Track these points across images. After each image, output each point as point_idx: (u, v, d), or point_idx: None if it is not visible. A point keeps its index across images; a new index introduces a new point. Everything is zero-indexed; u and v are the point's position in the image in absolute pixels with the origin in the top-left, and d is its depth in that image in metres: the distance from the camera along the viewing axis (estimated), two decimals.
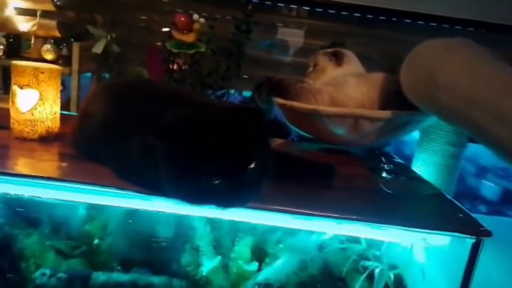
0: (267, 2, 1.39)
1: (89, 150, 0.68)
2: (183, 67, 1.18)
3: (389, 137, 0.89)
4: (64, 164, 0.69)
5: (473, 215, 0.66)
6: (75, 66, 1.12)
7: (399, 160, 0.95)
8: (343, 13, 1.42)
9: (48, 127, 0.77)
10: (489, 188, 1.45)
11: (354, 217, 0.59)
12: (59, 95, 0.78)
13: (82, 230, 0.93)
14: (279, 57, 1.51)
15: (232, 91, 1.34)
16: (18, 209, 0.87)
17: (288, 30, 1.50)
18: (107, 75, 1.26)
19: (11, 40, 1.16)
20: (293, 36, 1.50)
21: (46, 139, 0.76)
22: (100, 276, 0.89)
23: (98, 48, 1.16)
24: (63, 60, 1.13)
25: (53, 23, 0.76)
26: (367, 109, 0.84)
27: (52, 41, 0.78)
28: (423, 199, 0.71)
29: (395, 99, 0.84)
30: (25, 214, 0.88)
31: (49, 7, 0.76)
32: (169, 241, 0.92)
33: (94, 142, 0.67)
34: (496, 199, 1.43)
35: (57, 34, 0.77)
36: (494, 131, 0.60)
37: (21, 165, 0.67)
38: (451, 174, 0.91)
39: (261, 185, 0.58)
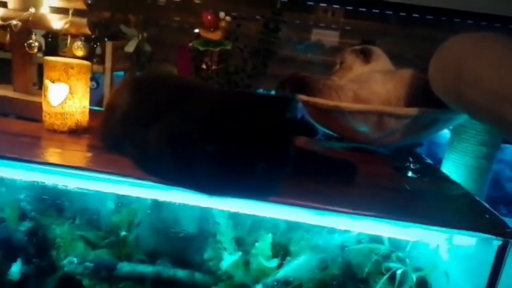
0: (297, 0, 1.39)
1: (113, 142, 0.71)
2: (212, 66, 1.20)
3: (416, 136, 0.86)
4: (91, 155, 0.72)
5: (508, 219, 0.62)
6: (108, 64, 1.17)
7: (428, 161, 0.91)
8: (375, 10, 1.38)
9: (78, 120, 0.80)
10: None
11: (372, 213, 0.58)
12: (88, 89, 0.81)
13: (109, 221, 0.96)
14: (308, 56, 1.50)
15: (260, 90, 1.35)
16: (47, 197, 0.91)
17: (318, 29, 1.48)
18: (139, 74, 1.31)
19: (50, 39, 1.23)
20: (323, 35, 1.48)
21: (76, 132, 0.80)
22: (125, 267, 0.92)
23: (130, 47, 1.20)
24: (97, 58, 1.18)
25: (84, 21, 0.79)
26: (393, 107, 0.82)
27: (83, 38, 0.82)
28: (449, 199, 0.68)
29: (422, 96, 0.81)
30: (55, 203, 0.92)
31: (81, 5, 0.80)
32: (193, 235, 0.93)
33: (118, 134, 0.70)
34: None
35: (88, 32, 0.80)
36: None
37: (50, 155, 0.70)
38: (483, 176, 0.86)
39: (278, 180, 0.58)
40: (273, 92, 1.29)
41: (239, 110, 0.57)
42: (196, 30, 1.37)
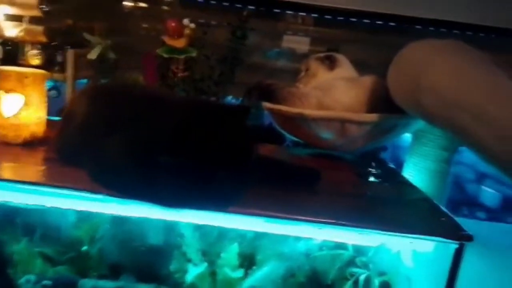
0: (262, 9, 1.39)
1: (69, 154, 0.68)
2: (178, 73, 1.18)
3: (378, 141, 0.87)
4: (46, 168, 0.69)
5: (472, 221, 0.64)
6: (69, 72, 1.14)
7: (391, 166, 0.93)
8: (339, 18, 1.41)
9: (33, 131, 0.77)
10: (489, 194, 1.41)
11: (333, 221, 0.58)
12: (45, 99, 0.78)
13: (70, 236, 0.93)
14: (277, 63, 1.50)
15: (229, 98, 1.34)
16: (4, 214, 0.87)
17: (286, 36, 1.49)
18: (103, 82, 1.28)
19: (8, 47, 1.19)
20: (292, 42, 1.49)
21: (31, 144, 0.77)
22: (86, 283, 0.88)
23: (93, 55, 1.18)
24: (58, 66, 1.15)
25: (39, 28, 0.77)
26: (355, 113, 0.83)
27: (39, 46, 0.80)
28: (408, 204, 0.69)
29: (384, 103, 0.82)
30: (12, 219, 0.88)
31: (36, 13, 0.77)
32: (157, 248, 0.91)
33: (75, 146, 0.67)
34: (496, 206, 1.39)
35: (43, 39, 0.78)
36: (477, 134, 0.58)
37: (2, 169, 0.67)
38: (443, 179, 0.88)
39: (240, 190, 0.58)
40: (240, 100, 1.29)
41: (199, 120, 0.56)
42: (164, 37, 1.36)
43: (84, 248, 0.93)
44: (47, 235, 0.93)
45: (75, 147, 0.67)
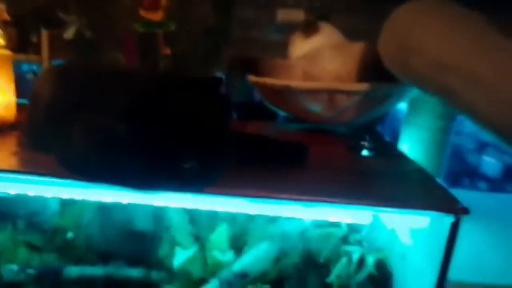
0: None
1: (37, 138, 0.64)
2: (159, 51, 1.12)
3: (370, 113, 0.82)
4: (16, 154, 0.65)
5: (472, 192, 0.60)
6: (44, 54, 1.08)
7: (386, 139, 0.88)
8: None
9: (1, 116, 0.72)
10: (490, 164, 1.37)
11: (321, 199, 0.53)
12: (12, 82, 0.73)
13: (55, 224, 0.89)
14: (266, 37, 1.43)
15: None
16: None
17: (279, 10, 1.41)
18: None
19: None
20: (284, 16, 1.41)
21: (0, 130, 0.72)
22: (72, 270, 0.85)
23: (68, 34, 1.12)
24: (32, 48, 1.09)
25: (1, 6, 0.71)
26: (343, 82, 0.77)
27: (2, 26, 0.74)
28: (402, 178, 0.65)
29: (375, 71, 0.77)
30: None
31: None
32: (146, 232, 0.88)
33: (42, 129, 0.63)
34: (498, 176, 1.35)
35: (6, 17, 0.72)
36: (467, 97, 0.53)
37: None
38: (441, 149, 0.84)
39: (215, 169, 0.54)
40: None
41: (165, 94, 0.51)
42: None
43: (70, 235, 0.90)
44: (31, 223, 0.90)
45: (41, 131, 0.63)
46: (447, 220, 0.53)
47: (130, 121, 0.49)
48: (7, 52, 0.71)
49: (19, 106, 0.77)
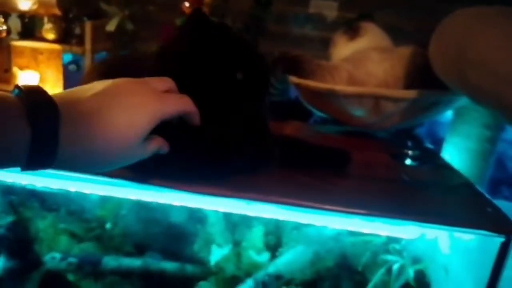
0: None
1: None
2: None
3: (415, 119, 0.80)
4: None
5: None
6: (88, 45, 1.09)
7: (428, 145, 0.86)
8: None
9: None
10: None
11: (365, 212, 0.53)
12: (61, 76, 0.75)
13: (94, 214, 0.92)
14: (301, 32, 1.41)
15: None
16: (29, 194, 0.87)
17: (312, 1, 1.38)
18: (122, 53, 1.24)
19: (26, 20, 1.15)
20: (317, 8, 1.38)
21: None
22: (111, 261, 0.88)
23: (111, 26, 1.13)
24: (76, 39, 1.11)
25: (53, 1, 0.72)
26: (391, 88, 0.75)
27: (53, 19, 0.76)
28: (449, 191, 0.63)
29: (423, 77, 0.75)
30: (36, 197, 0.88)
31: None
32: (181, 227, 0.90)
33: None
34: None
35: (57, 12, 0.74)
36: None
37: None
38: (486, 160, 0.81)
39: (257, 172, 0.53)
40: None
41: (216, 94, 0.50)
42: (186, 4, 1.29)
43: (109, 225, 0.92)
44: (71, 212, 0.92)
45: None
46: (497, 239, 0.52)
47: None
48: (57, 47, 0.72)
49: None
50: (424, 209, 0.56)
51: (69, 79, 0.90)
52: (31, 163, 0.33)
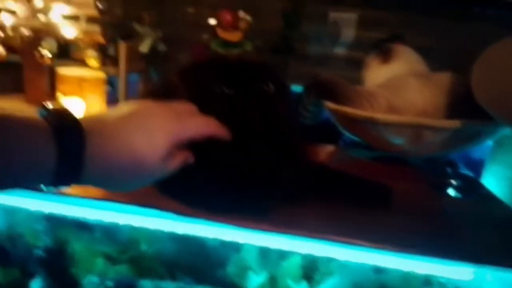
0: None
1: None
2: None
3: (456, 149, 0.79)
4: None
5: None
6: (122, 66, 1.11)
7: (467, 172, 0.85)
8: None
9: None
10: None
11: (406, 250, 0.51)
12: (104, 101, 0.77)
13: (128, 235, 0.92)
14: (330, 51, 1.41)
15: None
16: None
17: (342, 21, 1.38)
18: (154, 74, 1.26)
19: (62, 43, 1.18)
20: (347, 28, 1.38)
21: None
22: (146, 284, 0.88)
23: (145, 47, 1.15)
24: (110, 60, 1.13)
25: (97, 28, 0.74)
26: (430, 117, 0.75)
27: (96, 47, 0.77)
28: (498, 227, 0.61)
29: (464, 106, 0.74)
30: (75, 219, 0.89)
31: (93, 12, 0.75)
32: (215, 250, 0.89)
33: None
34: None
35: (101, 40, 0.75)
36: None
37: None
38: None
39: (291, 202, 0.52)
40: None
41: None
42: (211, 21, 1.30)
43: (143, 247, 0.93)
44: (106, 233, 0.93)
45: None
46: None
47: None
48: (101, 74, 0.74)
49: None
50: (475, 248, 0.54)
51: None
52: (57, 182, 0.35)
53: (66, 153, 0.34)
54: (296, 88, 1.30)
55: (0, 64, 0.86)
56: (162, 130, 0.40)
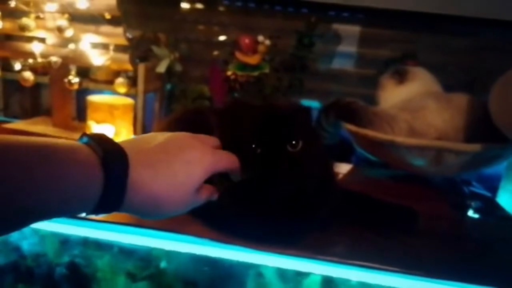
0: (331, 13, 1.33)
1: None
2: (246, 87, 1.16)
3: (475, 170, 0.81)
4: None
5: None
6: (140, 86, 1.14)
7: (482, 191, 0.86)
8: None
9: None
10: None
11: (435, 276, 0.52)
12: (132, 127, 0.79)
13: (147, 252, 0.94)
14: (342, 69, 1.44)
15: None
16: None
17: (353, 40, 1.41)
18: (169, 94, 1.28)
19: None
20: (359, 46, 1.41)
21: None
22: None
23: (162, 68, 1.17)
24: (129, 80, 1.15)
25: (125, 57, 0.76)
26: (451, 140, 0.77)
27: (125, 75, 0.80)
28: None
29: (483, 129, 0.76)
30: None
31: (122, 41, 0.77)
32: (235, 268, 0.91)
33: None
34: None
35: (129, 68, 0.77)
36: None
37: None
38: None
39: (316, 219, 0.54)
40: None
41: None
42: (222, 38, 1.34)
43: (163, 264, 0.94)
44: (126, 251, 0.94)
45: None
46: None
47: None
48: (130, 102, 0.76)
49: None
50: (502, 273, 0.55)
51: None
52: (99, 210, 0.35)
53: (113, 181, 0.34)
54: (310, 103, 1.33)
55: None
56: (200, 161, 0.41)
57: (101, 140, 0.35)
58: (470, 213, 0.73)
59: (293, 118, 0.51)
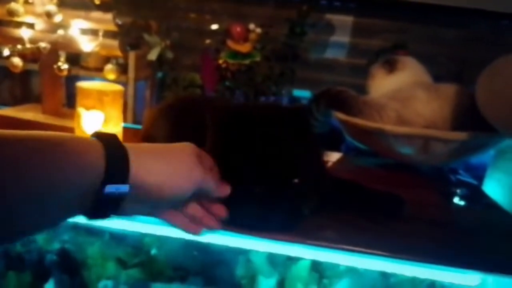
0: (323, 2, 1.33)
1: None
2: (237, 75, 1.16)
3: (462, 158, 0.83)
4: None
5: None
6: (131, 74, 1.13)
7: (469, 179, 0.88)
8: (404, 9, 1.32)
9: None
10: None
11: (419, 259, 0.54)
12: (121, 114, 0.78)
13: (139, 239, 0.94)
14: (334, 58, 1.45)
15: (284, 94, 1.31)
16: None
17: (344, 29, 1.41)
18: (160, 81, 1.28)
19: None
20: (350, 36, 1.42)
21: None
22: (157, 287, 0.91)
23: (153, 55, 1.17)
24: (119, 68, 1.15)
25: (115, 43, 0.76)
26: (438, 128, 0.78)
27: (114, 61, 0.79)
28: (505, 236, 0.65)
29: (471, 118, 0.77)
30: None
31: (111, 27, 0.76)
32: (225, 254, 0.92)
33: None
34: None
35: (119, 54, 0.77)
36: None
37: None
38: None
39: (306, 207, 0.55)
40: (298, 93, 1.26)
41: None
42: (213, 26, 1.33)
43: (154, 251, 0.95)
44: (117, 238, 0.95)
45: None
46: None
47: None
48: (119, 89, 0.75)
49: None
50: (486, 257, 0.56)
51: None
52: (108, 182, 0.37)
53: (112, 170, 0.37)
54: (301, 93, 1.34)
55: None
56: (191, 175, 0.43)
57: (107, 137, 0.39)
58: (456, 200, 0.75)
59: (299, 154, 0.52)
